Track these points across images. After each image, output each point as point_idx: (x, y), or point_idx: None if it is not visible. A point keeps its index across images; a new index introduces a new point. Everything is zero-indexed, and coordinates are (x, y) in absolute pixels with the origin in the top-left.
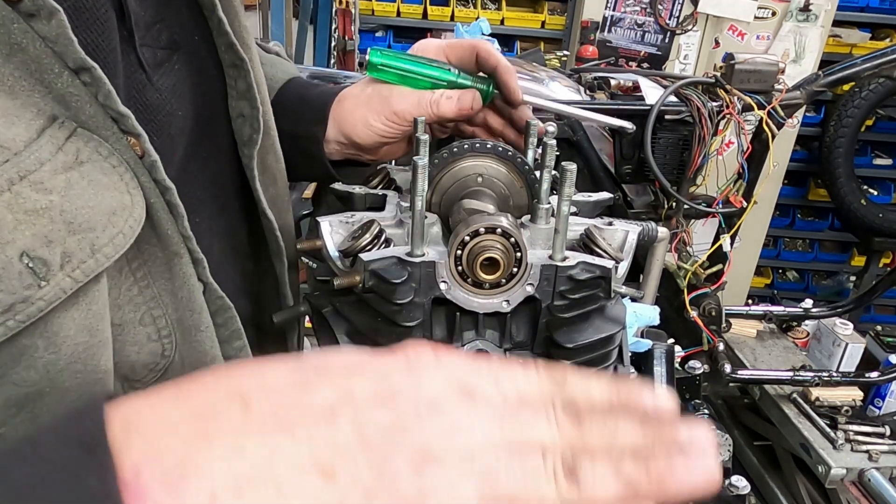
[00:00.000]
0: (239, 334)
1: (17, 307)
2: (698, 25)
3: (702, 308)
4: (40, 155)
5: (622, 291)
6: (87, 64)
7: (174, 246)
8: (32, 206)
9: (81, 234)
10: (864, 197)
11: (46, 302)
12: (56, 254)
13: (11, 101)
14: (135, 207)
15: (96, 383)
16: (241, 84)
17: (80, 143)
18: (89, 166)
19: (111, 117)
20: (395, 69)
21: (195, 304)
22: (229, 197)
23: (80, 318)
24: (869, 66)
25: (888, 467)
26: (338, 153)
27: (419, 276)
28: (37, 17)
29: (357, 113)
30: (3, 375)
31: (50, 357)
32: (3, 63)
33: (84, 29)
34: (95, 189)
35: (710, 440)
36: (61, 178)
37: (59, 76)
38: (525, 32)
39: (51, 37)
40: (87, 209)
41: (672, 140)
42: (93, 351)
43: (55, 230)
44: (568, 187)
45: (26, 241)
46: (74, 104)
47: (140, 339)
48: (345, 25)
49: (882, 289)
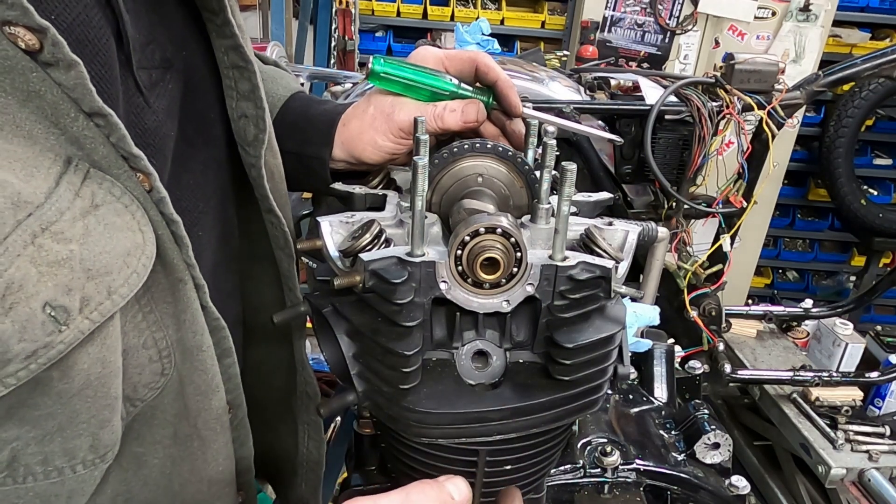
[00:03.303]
0: (230, 352)
1: (39, 353)
2: (698, 25)
3: (702, 308)
4: (60, 205)
5: (622, 291)
6: (103, 111)
7: (178, 273)
8: (55, 258)
9: (99, 279)
10: (864, 197)
11: (66, 345)
12: (76, 300)
13: (31, 147)
14: (146, 245)
15: (105, 408)
16: (245, 85)
17: (94, 186)
18: (104, 209)
19: (122, 157)
20: (396, 78)
21: (198, 326)
22: (226, 202)
23: (95, 352)
24: (869, 66)
25: (888, 467)
26: (343, 167)
27: (419, 276)
28: (55, 66)
29: (365, 136)
30: (20, 402)
31: (63, 387)
32: (19, 108)
33: (89, 62)
34: (111, 232)
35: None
36: (80, 224)
37: (74, 120)
38: (525, 32)
39: (68, 85)
40: (105, 254)
41: (672, 140)
42: (104, 380)
43: (75, 279)
44: (568, 187)
45: (49, 292)
46: (88, 146)
47: (142, 362)
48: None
49: (882, 289)
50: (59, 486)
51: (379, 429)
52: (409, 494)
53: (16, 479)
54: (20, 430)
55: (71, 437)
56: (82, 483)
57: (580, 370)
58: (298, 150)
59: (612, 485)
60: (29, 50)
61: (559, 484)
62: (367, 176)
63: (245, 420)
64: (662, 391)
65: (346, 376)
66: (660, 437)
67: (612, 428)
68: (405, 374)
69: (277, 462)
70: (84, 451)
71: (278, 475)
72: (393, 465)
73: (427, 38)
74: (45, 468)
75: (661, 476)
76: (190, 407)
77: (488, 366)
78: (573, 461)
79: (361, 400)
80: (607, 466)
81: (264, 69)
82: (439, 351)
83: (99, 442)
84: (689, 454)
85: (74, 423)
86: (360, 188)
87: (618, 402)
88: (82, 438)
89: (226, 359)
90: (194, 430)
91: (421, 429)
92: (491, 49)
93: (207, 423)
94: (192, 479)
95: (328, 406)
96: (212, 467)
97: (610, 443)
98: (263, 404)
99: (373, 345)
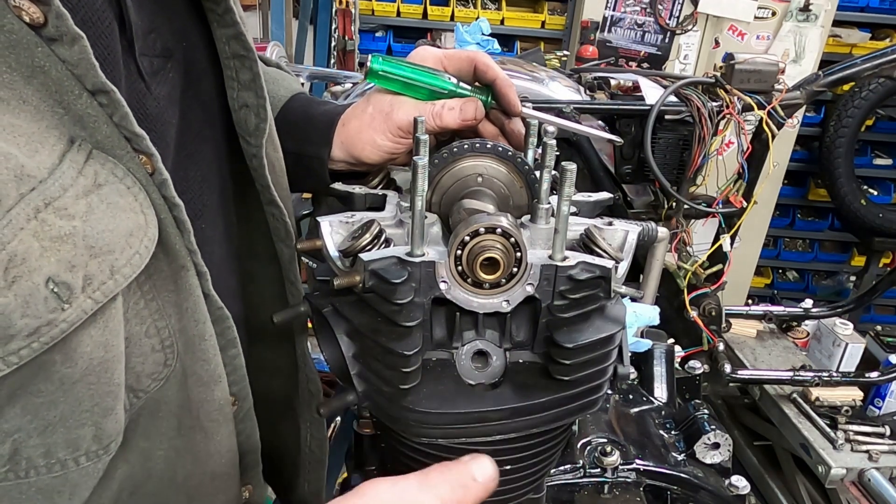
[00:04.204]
0: (234, 343)
1: (41, 330)
2: (698, 25)
3: (702, 308)
4: (63, 181)
5: (622, 291)
6: (106, 87)
7: (181, 260)
8: (57, 233)
9: (102, 257)
10: (864, 197)
11: (69, 324)
12: (78, 277)
13: (36, 123)
14: (149, 227)
15: (108, 395)
16: (245, 74)
17: (97, 166)
18: (107, 189)
19: (125, 137)
20: (395, 76)
21: (199, 315)
22: (227, 198)
23: (98, 335)
24: (869, 66)
25: (888, 467)
26: (342, 167)
27: (419, 276)
28: (59, 41)
29: (364, 136)
30: (22, 387)
31: (66, 371)
32: (24, 84)
33: (93, 43)
34: (113, 212)
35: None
36: (83, 202)
37: (78, 97)
38: (525, 32)
39: (72, 61)
40: (108, 233)
41: (672, 140)
42: (107, 365)
43: (78, 255)
44: (568, 187)
45: (52, 267)
46: (91, 125)
47: (145, 351)
48: (345, 25)
49: (882, 289)
50: (62, 480)
51: (379, 429)
52: (429, 476)
53: (18, 473)
54: (22, 421)
55: (74, 427)
56: (86, 477)
57: (580, 370)
58: (298, 149)
59: (612, 485)
60: (34, 24)
61: (559, 484)
62: (367, 176)
63: (251, 413)
64: (662, 391)
65: (346, 376)
66: (660, 437)
67: (612, 428)
68: (405, 374)
69: (279, 461)
70: (87, 441)
71: (280, 475)
72: (393, 466)
73: (427, 38)
74: (47, 461)
75: (661, 476)
76: (192, 398)
77: (488, 366)
78: (573, 461)
79: (361, 400)
80: (607, 466)
81: (266, 70)
82: (439, 351)
83: (102, 432)
84: (689, 454)
85: (77, 411)
86: (359, 188)
87: (618, 402)
88: (86, 428)
89: (230, 349)
90: (197, 421)
91: (421, 429)
92: (491, 49)
93: (210, 415)
94: (195, 471)
95: (328, 406)
96: (214, 460)
97: (610, 443)
98: (266, 402)
99: (373, 345)
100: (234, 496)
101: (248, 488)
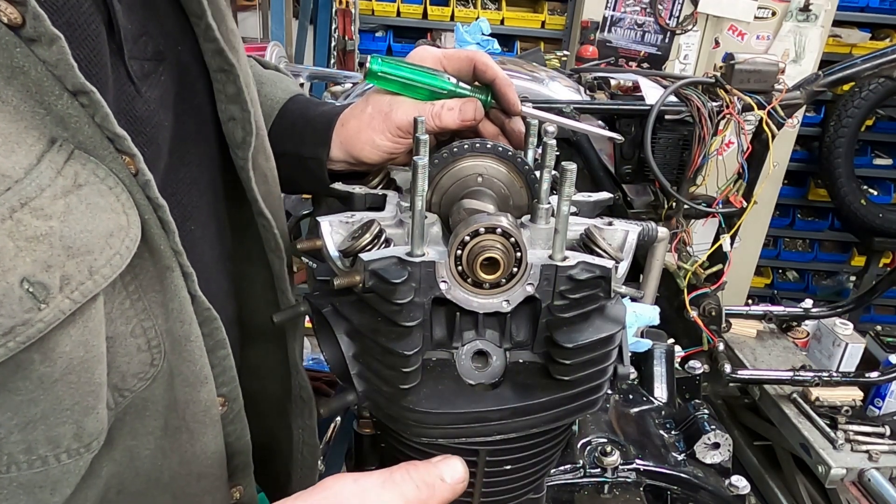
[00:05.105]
0: (223, 344)
1: (17, 329)
2: (698, 25)
3: (702, 308)
4: (40, 181)
5: (622, 291)
6: (86, 88)
7: (166, 260)
8: (33, 234)
9: (80, 258)
10: (864, 197)
11: (46, 324)
12: (55, 277)
13: (14, 124)
14: (131, 228)
15: (89, 394)
16: (231, 88)
17: (77, 167)
18: (87, 189)
19: (108, 137)
20: (394, 77)
21: (185, 316)
22: (219, 202)
23: (77, 335)
24: (869, 66)
25: (888, 467)
26: (342, 168)
27: (419, 276)
28: (38, 42)
29: (363, 136)
30: (0, 384)
31: (45, 370)
32: (4, 85)
33: (77, 45)
34: (93, 212)
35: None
36: (61, 202)
37: (59, 98)
38: (525, 32)
39: (51, 61)
40: (86, 233)
41: (672, 140)
42: (87, 365)
43: (54, 255)
44: (568, 187)
45: (27, 267)
46: (73, 125)
47: (130, 351)
48: (345, 25)
49: (882, 289)
50: (44, 476)
51: (379, 429)
52: (394, 474)
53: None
54: (2, 417)
55: (55, 425)
56: (67, 473)
57: (580, 370)
58: (296, 151)
59: (612, 485)
60: (11, 25)
61: (559, 484)
62: (367, 176)
63: (241, 414)
64: (662, 391)
65: (346, 376)
66: (660, 437)
67: (612, 428)
68: (405, 373)
69: (272, 466)
70: (68, 439)
71: (272, 481)
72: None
73: (427, 38)
74: (28, 457)
75: (661, 476)
76: (179, 398)
77: (488, 366)
78: (573, 461)
79: (361, 400)
80: (607, 466)
81: (264, 73)
82: (439, 351)
83: (83, 430)
84: (689, 454)
85: (58, 409)
86: (359, 188)
87: (618, 402)
88: (66, 426)
89: (219, 350)
90: (182, 422)
91: (421, 429)
92: (491, 49)
93: (195, 416)
94: (181, 471)
95: (328, 406)
96: (200, 460)
97: (610, 443)
98: (259, 403)
99: (373, 345)
100: (223, 497)
101: (239, 489)
